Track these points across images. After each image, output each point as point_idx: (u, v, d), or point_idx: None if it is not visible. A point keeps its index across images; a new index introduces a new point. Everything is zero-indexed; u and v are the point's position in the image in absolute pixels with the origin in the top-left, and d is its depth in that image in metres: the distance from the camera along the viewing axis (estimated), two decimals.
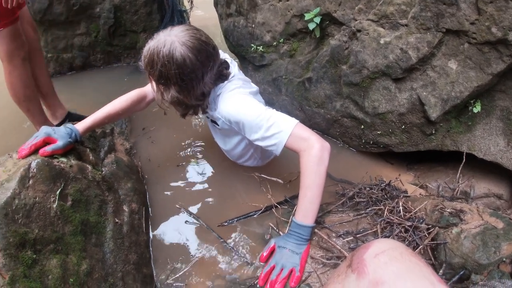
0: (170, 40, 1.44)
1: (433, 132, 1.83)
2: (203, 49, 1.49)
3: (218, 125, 1.75)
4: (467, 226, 1.37)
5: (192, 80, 1.51)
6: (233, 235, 1.71)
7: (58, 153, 1.48)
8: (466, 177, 1.87)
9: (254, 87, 1.80)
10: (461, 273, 1.26)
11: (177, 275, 1.56)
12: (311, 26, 2.04)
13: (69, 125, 1.60)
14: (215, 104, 1.67)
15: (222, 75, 1.64)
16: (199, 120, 2.48)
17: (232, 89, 1.63)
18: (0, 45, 1.90)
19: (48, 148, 1.45)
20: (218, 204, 1.90)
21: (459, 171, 1.78)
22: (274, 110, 1.57)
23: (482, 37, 1.55)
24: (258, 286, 1.41)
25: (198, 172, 2.11)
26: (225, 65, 1.67)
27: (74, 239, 1.31)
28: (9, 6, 1.75)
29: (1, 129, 2.62)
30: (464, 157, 1.76)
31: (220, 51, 1.73)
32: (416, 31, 1.71)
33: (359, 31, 1.88)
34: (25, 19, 2.06)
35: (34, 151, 1.45)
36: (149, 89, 1.87)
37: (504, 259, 1.22)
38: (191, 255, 1.64)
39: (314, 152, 1.43)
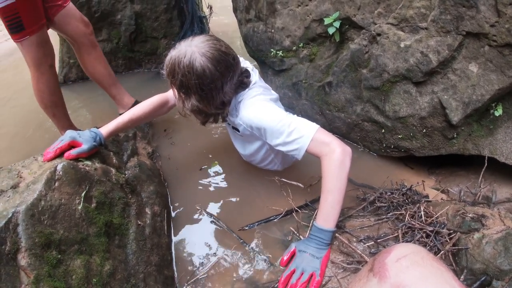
0: (190, 51, 1.47)
1: (455, 136, 1.81)
2: (222, 59, 1.51)
3: (239, 131, 1.77)
4: (488, 231, 1.35)
5: (211, 90, 1.53)
6: (253, 238, 1.71)
7: (83, 156, 1.52)
8: (488, 182, 1.84)
9: (274, 94, 1.82)
10: (482, 279, 1.24)
11: (197, 277, 1.57)
12: (331, 30, 2.04)
13: (94, 129, 1.64)
14: (236, 111, 1.68)
15: (243, 83, 1.65)
16: (220, 124, 2.50)
17: (253, 96, 1.65)
18: (27, 52, 1.93)
19: (73, 152, 1.49)
20: (239, 207, 1.91)
21: (480, 176, 1.75)
22: (295, 115, 1.58)
23: (503, 39, 1.53)
24: None
25: (219, 176, 2.13)
26: (246, 73, 1.68)
27: (98, 240, 1.34)
28: None
29: (27, 133, 2.70)
30: (486, 161, 1.73)
31: (242, 59, 1.76)
32: (436, 34, 1.70)
33: (379, 35, 1.88)
34: (73, 16, 2.09)
35: (59, 154, 1.48)
36: (171, 94, 1.90)
37: None
38: (212, 258, 1.65)
39: (336, 157, 1.44)
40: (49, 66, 2.03)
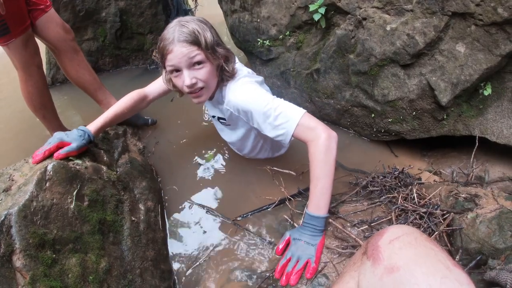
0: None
1: (445, 117, 1.81)
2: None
3: (226, 120, 1.76)
4: (482, 210, 1.36)
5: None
6: (248, 228, 1.72)
7: (72, 155, 1.51)
8: (480, 162, 1.85)
9: (260, 77, 1.81)
10: (478, 258, 1.25)
11: (194, 269, 1.58)
12: (316, 17, 2.03)
13: (82, 127, 1.63)
14: (222, 97, 1.68)
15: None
16: (210, 117, 2.49)
17: (238, 79, 1.64)
18: (13, 55, 1.90)
19: (62, 151, 1.48)
20: (232, 199, 1.91)
21: (472, 156, 1.76)
22: (282, 99, 1.57)
23: (489, 18, 1.53)
24: (274, 278, 1.42)
25: (212, 168, 2.12)
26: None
27: (92, 238, 1.33)
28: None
29: (17, 135, 2.67)
30: (476, 141, 1.74)
31: None
32: (422, 16, 1.69)
33: (364, 19, 1.87)
34: (54, 22, 2.05)
35: (48, 156, 1.47)
36: (149, 89, 1.95)
37: None
38: (208, 249, 1.66)
39: (322, 142, 1.43)
40: (37, 67, 2.01)
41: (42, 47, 2.09)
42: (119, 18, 3.23)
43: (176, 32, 1.47)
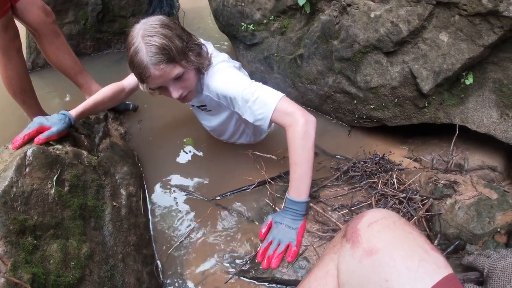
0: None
1: (426, 105, 1.83)
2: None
3: (206, 106, 1.76)
4: (461, 197, 1.38)
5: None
6: (232, 211, 1.73)
7: (53, 139, 1.48)
8: (460, 150, 1.87)
9: (237, 62, 1.80)
10: (456, 243, 1.28)
11: (177, 253, 1.59)
12: (301, 2, 2.02)
13: (63, 111, 1.60)
14: (201, 85, 1.67)
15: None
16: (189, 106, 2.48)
17: (216, 64, 1.63)
18: None
19: (42, 136, 1.45)
20: (214, 182, 1.92)
21: (452, 144, 1.79)
22: (260, 83, 1.56)
23: (473, 8, 1.53)
24: (256, 261, 1.43)
25: (193, 153, 2.12)
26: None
27: (74, 224, 1.32)
28: None
29: None
30: (457, 130, 1.76)
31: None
32: (406, 4, 1.69)
33: (349, 5, 1.86)
34: (34, 3, 1.99)
35: (28, 141, 1.45)
36: (127, 82, 1.94)
37: (498, 229, 1.24)
38: (190, 234, 1.66)
39: (299, 128, 1.43)
40: (17, 51, 1.96)
41: (22, 30, 2.04)
42: (101, 0, 3.15)
43: (145, 55, 1.40)
